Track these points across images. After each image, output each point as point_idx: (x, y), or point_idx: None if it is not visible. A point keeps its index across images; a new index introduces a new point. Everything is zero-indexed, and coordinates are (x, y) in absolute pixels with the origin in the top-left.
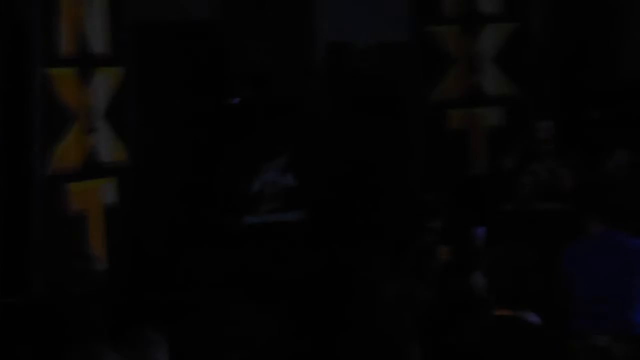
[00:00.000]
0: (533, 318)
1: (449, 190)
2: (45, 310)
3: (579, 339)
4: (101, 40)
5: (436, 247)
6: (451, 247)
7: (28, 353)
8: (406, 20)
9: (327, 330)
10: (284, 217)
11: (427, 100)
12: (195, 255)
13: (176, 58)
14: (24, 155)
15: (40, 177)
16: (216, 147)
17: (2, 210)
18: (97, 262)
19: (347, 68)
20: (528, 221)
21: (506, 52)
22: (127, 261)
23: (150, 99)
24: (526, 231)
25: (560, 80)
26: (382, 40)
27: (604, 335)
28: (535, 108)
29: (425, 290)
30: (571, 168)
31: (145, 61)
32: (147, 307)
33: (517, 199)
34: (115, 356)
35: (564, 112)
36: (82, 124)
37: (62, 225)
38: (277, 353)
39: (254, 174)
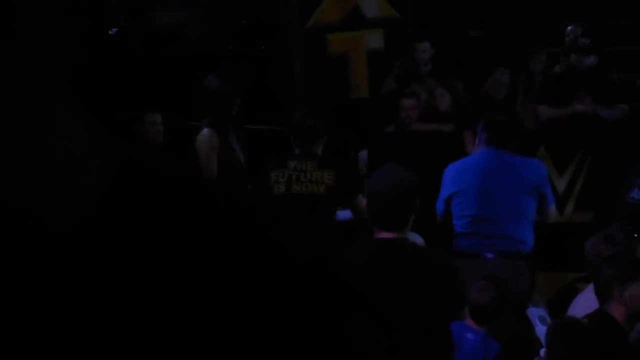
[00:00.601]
0: (416, 239)
1: (330, 114)
2: None
3: (462, 258)
4: None
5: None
6: (333, 171)
7: None
8: None
9: None
10: None
11: (306, 25)
12: None
13: None
14: None
15: None
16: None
17: None
18: None
19: None
20: (410, 143)
21: None
22: None
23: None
24: (408, 153)
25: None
26: None
27: (488, 253)
28: (413, 29)
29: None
30: (450, 88)
31: None
32: None
33: (397, 121)
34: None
35: (442, 32)
36: None
37: None
38: None
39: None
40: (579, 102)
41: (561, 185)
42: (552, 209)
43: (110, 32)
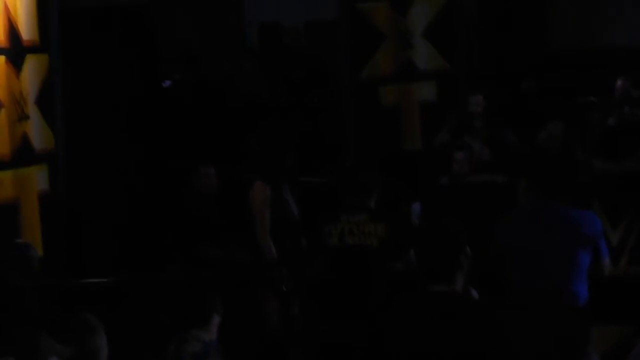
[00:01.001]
0: (471, 293)
1: (383, 167)
2: None
3: (516, 310)
4: (30, 27)
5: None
6: (386, 224)
7: None
8: None
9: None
10: None
11: (359, 77)
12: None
13: (105, 43)
14: None
15: None
16: (151, 130)
17: None
18: (32, 250)
19: (278, 47)
20: (463, 195)
21: (436, 26)
22: (63, 248)
23: (81, 85)
24: (461, 205)
25: (490, 53)
26: (312, 18)
27: (543, 306)
28: (466, 82)
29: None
30: (503, 140)
31: (74, 47)
32: (85, 293)
33: (451, 174)
34: (53, 343)
35: (495, 84)
36: (12, 111)
37: None
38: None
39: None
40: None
41: (615, 238)
42: (607, 262)
43: (164, 85)
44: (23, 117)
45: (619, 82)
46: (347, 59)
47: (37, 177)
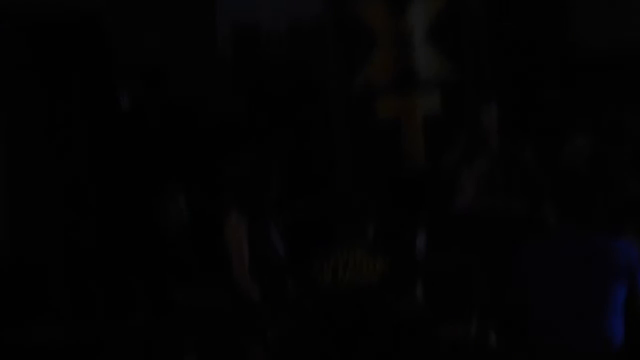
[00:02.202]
0: (490, 337)
1: (381, 191)
2: None
3: (541, 356)
4: None
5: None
6: (387, 257)
7: None
8: None
9: None
10: None
11: (351, 88)
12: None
13: (52, 56)
14: None
15: None
16: (108, 155)
17: None
18: None
19: (256, 57)
20: (476, 224)
21: (439, 28)
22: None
23: (22, 102)
24: (475, 235)
25: (503, 58)
26: (295, 22)
27: (572, 351)
28: (476, 90)
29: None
30: (522, 159)
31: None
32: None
33: (461, 199)
34: None
35: (510, 93)
36: None
37: None
38: None
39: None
40: None
41: None
42: None
43: (122, 104)
44: None
45: None
46: (337, 66)
47: None
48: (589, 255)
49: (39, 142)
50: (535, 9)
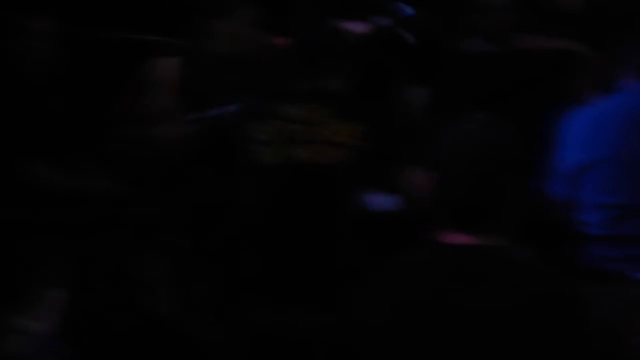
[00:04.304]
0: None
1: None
2: None
3: (597, 281)
4: None
5: None
6: (362, 123)
7: None
8: None
9: None
10: None
11: None
12: None
13: None
14: None
15: None
16: None
17: None
18: None
19: None
20: (502, 66)
21: None
22: None
23: None
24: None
25: None
26: None
27: None
28: None
29: None
30: None
31: None
32: None
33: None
34: None
35: None
36: None
37: None
38: None
39: None
40: None
41: None
42: None
43: None
44: None
45: None
46: None
47: None
48: None
49: None
50: None
